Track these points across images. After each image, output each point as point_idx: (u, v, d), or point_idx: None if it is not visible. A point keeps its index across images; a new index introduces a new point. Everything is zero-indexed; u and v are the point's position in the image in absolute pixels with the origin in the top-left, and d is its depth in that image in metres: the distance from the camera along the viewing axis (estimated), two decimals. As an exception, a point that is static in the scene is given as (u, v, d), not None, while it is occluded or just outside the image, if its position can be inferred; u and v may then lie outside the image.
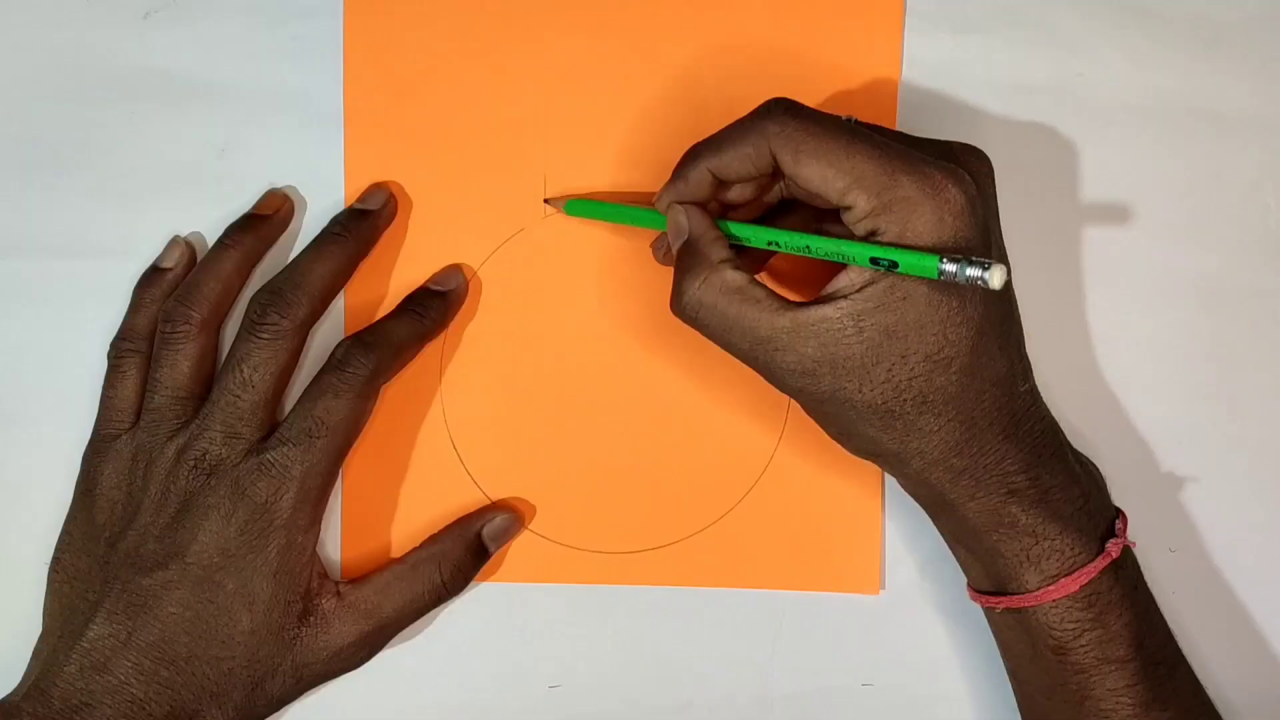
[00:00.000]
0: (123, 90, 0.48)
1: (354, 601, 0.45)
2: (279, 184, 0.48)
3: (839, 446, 0.42)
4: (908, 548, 0.48)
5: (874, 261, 0.38)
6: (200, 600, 0.42)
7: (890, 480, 0.47)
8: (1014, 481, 0.40)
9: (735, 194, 0.42)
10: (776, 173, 0.41)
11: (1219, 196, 0.48)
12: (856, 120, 0.41)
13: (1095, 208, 0.48)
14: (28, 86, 0.48)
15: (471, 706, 0.48)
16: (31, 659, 0.45)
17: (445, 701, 0.48)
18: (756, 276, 0.41)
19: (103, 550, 0.44)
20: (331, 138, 0.48)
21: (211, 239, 0.47)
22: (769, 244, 0.41)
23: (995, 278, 0.36)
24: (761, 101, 0.40)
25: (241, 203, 0.47)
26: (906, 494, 0.43)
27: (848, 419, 0.40)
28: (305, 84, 0.48)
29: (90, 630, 0.42)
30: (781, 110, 0.40)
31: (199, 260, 0.47)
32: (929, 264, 0.37)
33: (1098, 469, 0.44)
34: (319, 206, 0.48)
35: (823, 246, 0.39)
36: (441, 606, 0.47)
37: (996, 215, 0.42)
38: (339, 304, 0.47)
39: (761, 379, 0.41)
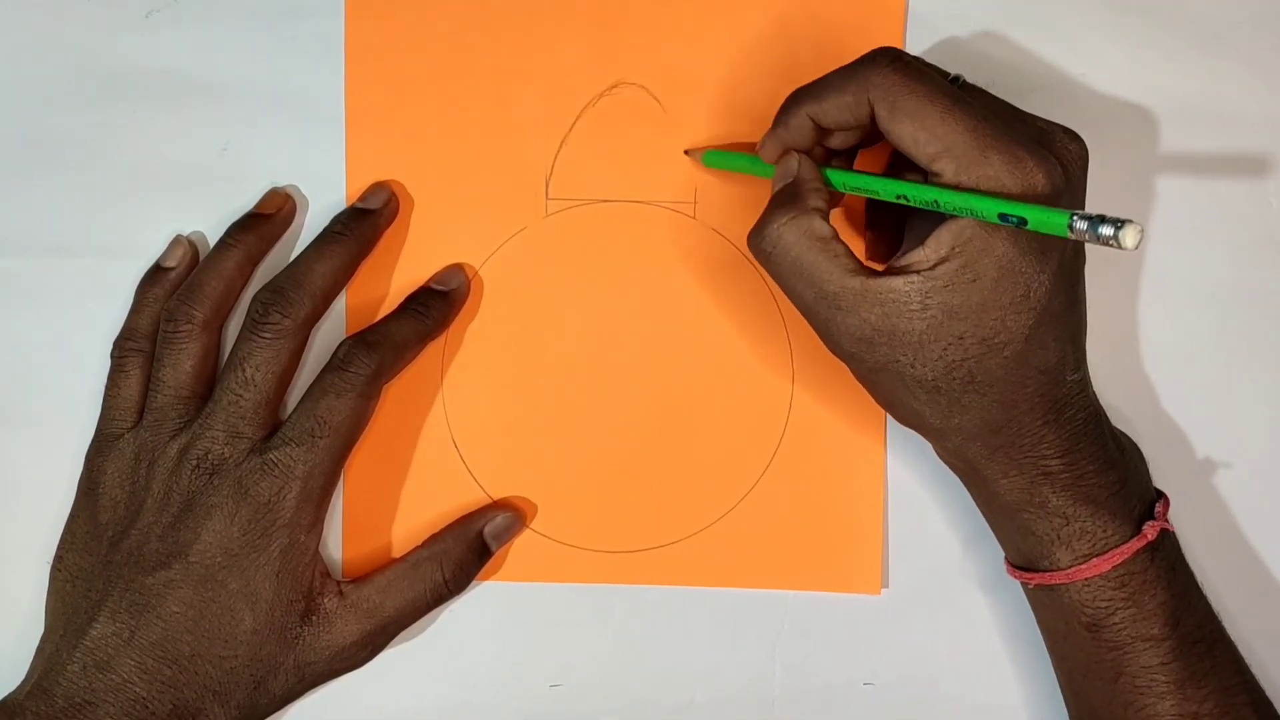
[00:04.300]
0: (124, 90, 0.48)
1: (356, 601, 0.45)
2: (281, 183, 0.48)
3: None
4: (909, 548, 0.48)
5: (1002, 217, 0.37)
6: (203, 599, 0.42)
7: (892, 481, 0.47)
8: (1048, 464, 0.41)
9: (838, 141, 0.42)
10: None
11: (1221, 195, 0.48)
12: (963, 79, 0.41)
13: (1097, 207, 0.48)
14: (28, 86, 0.48)
15: (472, 706, 0.48)
16: (34, 658, 0.45)
17: (446, 700, 0.48)
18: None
19: (105, 549, 0.44)
20: (333, 137, 0.48)
21: (213, 238, 0.47)
22: (878, 193, 0.40)
23: (1129, 237, 0.34)
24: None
25: (243, 202, 0.47)
26: (909, 492, 0.43)
27: (896, 390, 0.40)
28: (307, 83, 0.48)
29: (93, 629, 0.42)
30: (886, 61, 0.39)
31: (201, 259, 0.47)
32: (1059, 220, 0.35)
33: (1140, 453, 0.44)
34: (320, 205, 0.48)
35: (950, 200, 0.38)
36: (443, 605, 0.47)
37: (1083, 204, 0.41)
38: (340, 303, 0.47)
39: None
